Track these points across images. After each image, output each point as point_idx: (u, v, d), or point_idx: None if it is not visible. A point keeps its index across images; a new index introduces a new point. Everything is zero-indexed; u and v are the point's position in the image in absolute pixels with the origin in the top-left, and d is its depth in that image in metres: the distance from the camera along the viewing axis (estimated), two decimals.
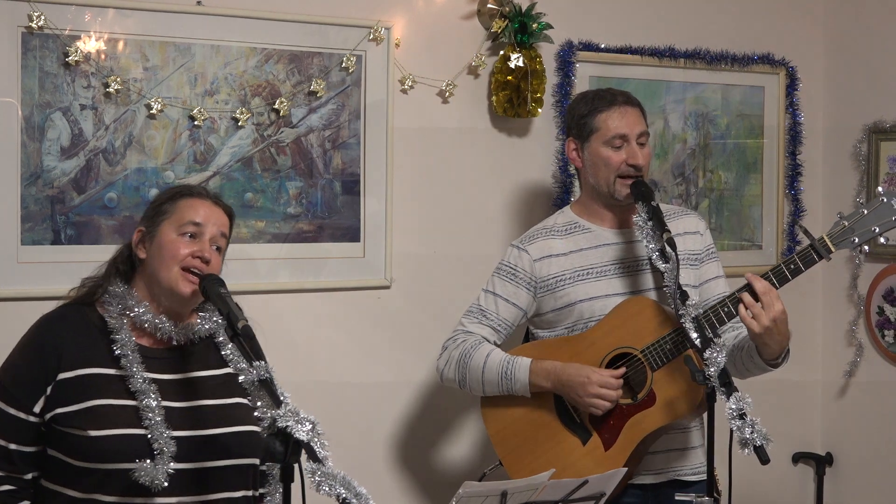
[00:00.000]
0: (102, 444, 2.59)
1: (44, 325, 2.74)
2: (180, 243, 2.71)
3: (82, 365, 2.66)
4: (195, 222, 2.73)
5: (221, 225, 2.79)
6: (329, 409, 3.56)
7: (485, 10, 3.91)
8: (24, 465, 2.66)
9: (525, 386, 3.19)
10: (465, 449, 3.97)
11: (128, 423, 2.62)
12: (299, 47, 3.63)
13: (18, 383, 2.67)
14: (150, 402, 2.63)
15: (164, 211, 2.76)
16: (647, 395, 3.13)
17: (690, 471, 3.28)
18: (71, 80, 3.32)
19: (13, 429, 2.65)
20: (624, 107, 3.25)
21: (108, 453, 2.59)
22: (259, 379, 2.44)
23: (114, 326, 2.70)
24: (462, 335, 3.31)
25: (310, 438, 2.29)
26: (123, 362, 2.66)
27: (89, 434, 2.60)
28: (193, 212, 2.74)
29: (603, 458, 3.14)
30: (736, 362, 3.21)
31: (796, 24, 4.59)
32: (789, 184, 4.55)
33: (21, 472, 2.66)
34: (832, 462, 4.65)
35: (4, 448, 2.65)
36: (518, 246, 3.34)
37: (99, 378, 2.66)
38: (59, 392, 2.64)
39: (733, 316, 3.07)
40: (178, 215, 2.74)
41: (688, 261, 3.27)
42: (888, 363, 4.46)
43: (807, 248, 3.05)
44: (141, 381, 2.64)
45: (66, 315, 2.74)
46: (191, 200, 2.77)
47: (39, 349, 2.69)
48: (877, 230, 3.03)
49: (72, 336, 2.69)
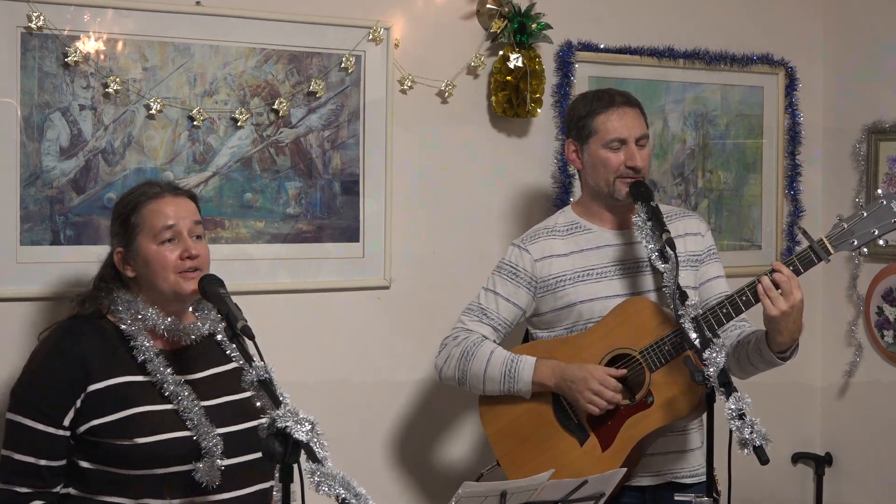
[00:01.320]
0: (150, 449, 2.62)
1: (63, 339, 2.72)
2: (165, 252, 2.72)
3: (111, 375, 2.67)
4: (167, 226, 2.73)
5: (191, 213, 2.78)
6: (328, 410, 3.54)
7: (484, 10, 3.91)
8: (54, 479, 2.66)
9: (528, 384, 3.18)
10: (465, 449, 3.97)
11: (172, 427, 2.65)
12: (298, 47, 3.63)
13: (44, 398, 2.65)
14: (187, 403, 2.67)
15: (133, 225, 2.75)
16: (644, 397, 3.13)
17: (689, 473, 3.28)
18: (70, 81, 3.32)
19: (43, 445, 2.64)
20: (623, 108, 3.25)
21: (158, 459, 2.62)
22: (258, 379, 2.45)
23: (131, 333, 2.71)
24: (462, 333, 3.30)
25: (309, 439, 2.30)
26: (150, 367, 2.69)
27: (136, 442, 2.62)
28: (162, 216, 2.74)
29: (600, 459, 3.13)
30: (741, 358, 3.21)
31: (796, 24, 4.59)
32: (788, 184, 4.55)
33: (51, 487, 2.67)
34: (832, 462, 4.64)
35: (34, 465, 2.64)
36: (519, 245, 3.34)
37: (131, 386, 2.68)
38: (90, 404, 2.65)
39: (740, 311, 3.07)
40: (149, 225, 2.73)
41: (688, 262, 3.27)
42: (888, 363, 4.46)
43: (806, 249, 3.05)
44: (173, 384, 2.68)
45: (82, 328, 2.73)
46: (154, 204, 2.75)
47: (64, 363, 2.67)
48: (876, 232, 3.04)
49: (94, 347, 2.69)
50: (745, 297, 3.06)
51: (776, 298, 3.00)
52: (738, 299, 3.07)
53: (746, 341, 3.20)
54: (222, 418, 2.71)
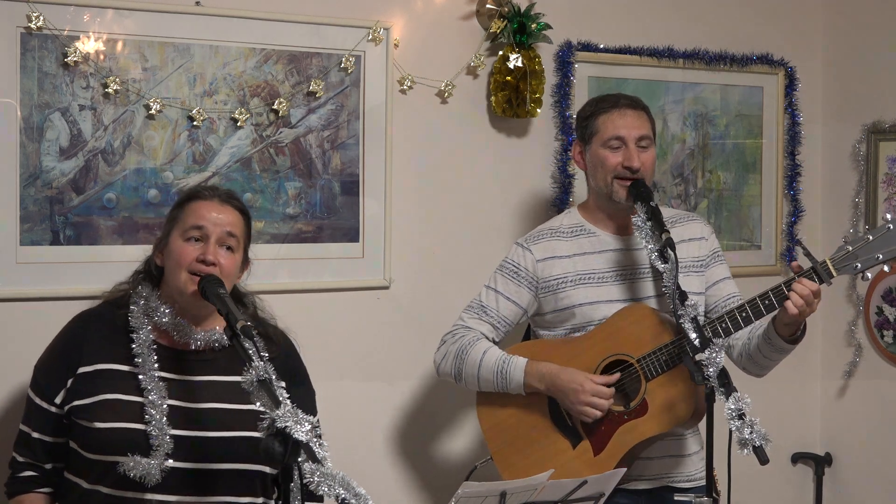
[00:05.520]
0: (105, 435, 2.68)
1: (75, 321, 2.86)
2: (187, 248, 2.78)
3: (101, 360, 2.75)
4: (197, 226, 2.79)
5: (227, 224, 2.81)
6: (328, 410, 3.55)
7: (484, 10, 3.91)
8: (44, 454, 2.78)
9: (519, 385, 3.19)
10: (465, 449, 3.97)
11: (131, 418, 2.69)
12: (298, 48, 3.63)
13: (46, 375, 2.79)
14: (155, 399, 2.70)
15: (174, 217, 2.84)
16: (640, 405, 3.13)
17: (686, 478, 3.27)
18: (70, 81, 3.32)
19: (38, 418, 2.78)
20: (625, 109, 3.26)
21: (108, 445, 2.68)
22: (258, 379, 2.45)
23: (135, 325, 2.77)
24: (461, 330, 3.31)
25: (309, 439, 2.30)
26: (138, 360, 2.73)
27: (95, 426, 2.69)
28: (196, 216, 2.80)
29: (592, 463, 3.13)
30: (752, 351, 3.23)
31: (795, 24, 4.59)
32: (788, 184, 4.55)
33: (41, 461, 2.78)
34: (831, 462, 4.64)
35: (28, 435, 2.78)
36: (522, 245, 3.34)
37: (113, 373, 2.74)
38: (77, 385, 2.74)
39: (761, 315, 3.07)
40: (183, 221, 2.81)
41: (692, 268, 3.28)
42: (887, 363, 4.46)
43: (808, 270, 3.05)
44: (150, 378, 2.71)
45: (101, 313, 2.84)
46: (196, 204, 2.83)
47: (66, 344, 2.81)
48: (881, 257, 3.01)
49: (97, 332, 2.79)
50: (768, 300, 3.06)
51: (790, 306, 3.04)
52: (760, 303, 3.07)
53: (756, 335, 3.22)
54: (195, 422, 2.72)
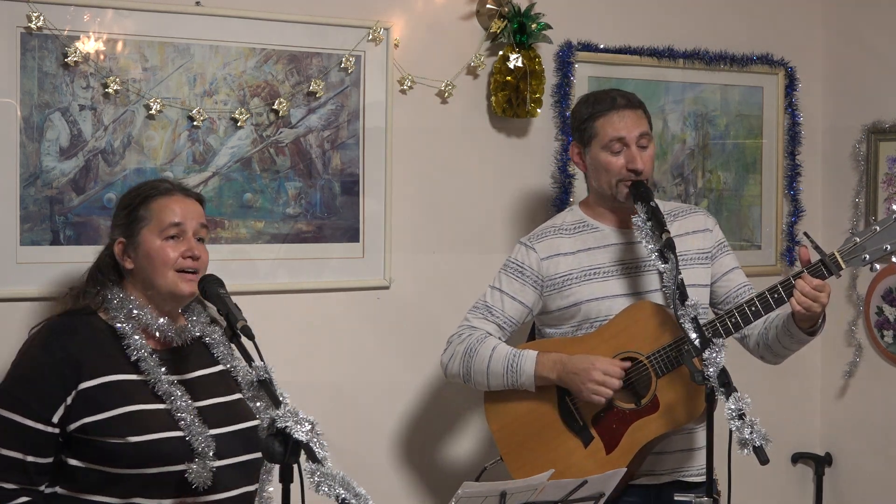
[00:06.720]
0: (143, 449, 2.61)
1: (54, 336, 2.71)
2: (167, 248, 2.73)
3: (103, 373, 2.66)
4: (175, 223, 2.75)
5: (198, 216, 2.80)
6: (328, 410, 3.56)
7: (484, 10, 3.91)
8: (40, 476, 2.65)
9: (531, 378, 3.19)
10: (466, 450, 3.97)
11: (162, 427, 2.64)
12: (298, 48, 3.63)
13: (34, 394, 2.64)
14: (180, 402, 2.66)
15: (139, 217, 2.76)
16: (650, 402, 3.13)
17: (697, 471, 3.27)
18: (70, 81, 3.32)
19: (30, 440, 2.62)
20: (623, 111, 3.25)
21: (149, 458, 2.61)
22: (258, 379, 2.45)
23: (124, 332, 2.71)
24: (467, 330, 3.31)
25: (309, 439, 2.30)
26: (143, 366, 2.69)
27: (129, 441, 2.61)
28: (170, 212, 2.75)
29: (604, 462, 3.13)
30: (771, 342, 3.23)
31: (795, 24, 4.59)
32: (788, 184, 4.55)
33: (37, 484, 2.65)
34: (831, 462, 4.64)
35: (21, 461, 2.62)
36: (526, 244, 3.35)
37: (121, 384, 2.67)
38: (82, 402, 2.64)
39: (770, 309, 3.08)
40: (156, 220, 2.75)
41: (697, 259, 3.29)
42: (887, 363, 4.46)
43: (817, 263, 3.05)
44: (166, 383, 2.67)
45: (74, 324, 2.73)
46: (163, 200, 2.77)
47: (54, 360, 2.66)
48: (888, 248, 3.02)
49: (86, 345, 2.69)
50: (777, 293, 3.07)
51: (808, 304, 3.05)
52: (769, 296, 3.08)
53: (770, 325, 3.23)
54: (212, 419, 2.71)
